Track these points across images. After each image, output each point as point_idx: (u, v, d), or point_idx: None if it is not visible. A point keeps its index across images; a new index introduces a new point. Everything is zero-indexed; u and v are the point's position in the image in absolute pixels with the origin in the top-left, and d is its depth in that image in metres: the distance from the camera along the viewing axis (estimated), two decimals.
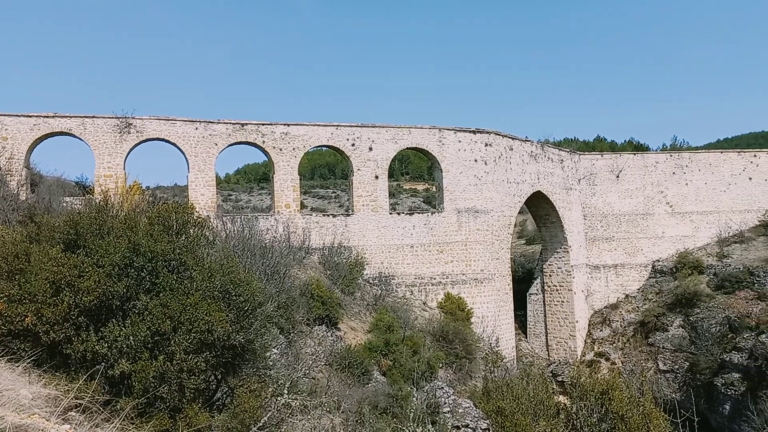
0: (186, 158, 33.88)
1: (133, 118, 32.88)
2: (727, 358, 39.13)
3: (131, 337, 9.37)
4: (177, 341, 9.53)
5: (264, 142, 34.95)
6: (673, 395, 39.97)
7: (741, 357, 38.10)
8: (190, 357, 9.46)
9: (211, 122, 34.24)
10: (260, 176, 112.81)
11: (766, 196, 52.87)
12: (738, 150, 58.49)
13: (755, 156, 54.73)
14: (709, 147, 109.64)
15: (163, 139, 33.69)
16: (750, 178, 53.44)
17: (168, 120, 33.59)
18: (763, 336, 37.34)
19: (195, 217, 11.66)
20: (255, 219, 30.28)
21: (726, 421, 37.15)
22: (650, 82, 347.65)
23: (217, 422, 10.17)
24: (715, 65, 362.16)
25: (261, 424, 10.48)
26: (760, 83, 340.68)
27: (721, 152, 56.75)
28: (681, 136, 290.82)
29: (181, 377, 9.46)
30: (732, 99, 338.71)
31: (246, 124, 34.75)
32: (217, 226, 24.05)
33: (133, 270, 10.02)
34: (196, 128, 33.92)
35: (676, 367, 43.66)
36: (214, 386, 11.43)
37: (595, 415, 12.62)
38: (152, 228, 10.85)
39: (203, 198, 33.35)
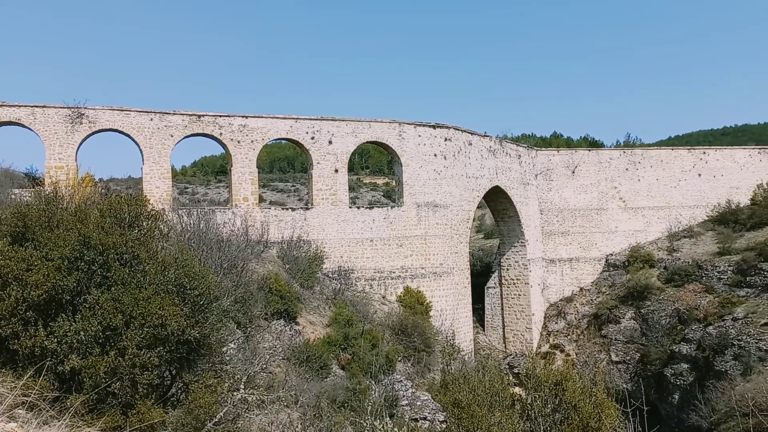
0: (140, 150, 33.16)
1: (85, 108, 31.99)
2: (677, 350, 40.37)
3: (82, 332, 9.14)
4: (129, 336, 9.33)
5: (221, 134, 34.45)
6: (625, 385, 41.07)
7: (689, 348, 39.36)
8: (142, 352, 9.28)
9: (167, 113, 33.57)
10: (218, 169, 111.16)
11: (714, 192, 54.62)
12: (688, 147, 60.32)
13: (704, 153, 56.47)
14: (660, 144, 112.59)
15: (116, 130, 32.89)
16: (699, 175, 55.13)
17: (122, 110, 32.80)
18: (711, 327, 38.64)
19: (148, 210, 11.41)
20: (212, 212, 29.85)
21: (675, 410, 38.35)
22: (605, 79, 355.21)
23: (171, 418, 10.00)
24: (667, 64, 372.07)
25: (217, 420, 10.35)
26: (710, 83, 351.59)
27: (672, 149, 58.42)
28: (634, 133, 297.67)
29: (134, 373, 9.27)
30: (683, 97, 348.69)
31: (203, 115, 34.19)
32: (172, 219, 23.62)
33: (83, 263, 9.76)
34: (151, 119, 33.21)
35: (628, 358, 44.86)
36: (168, 382, 11.24)
37: (549, 406, 12.86)
38: (104, 220, 10.58)
39: (158, 191, 32.69)
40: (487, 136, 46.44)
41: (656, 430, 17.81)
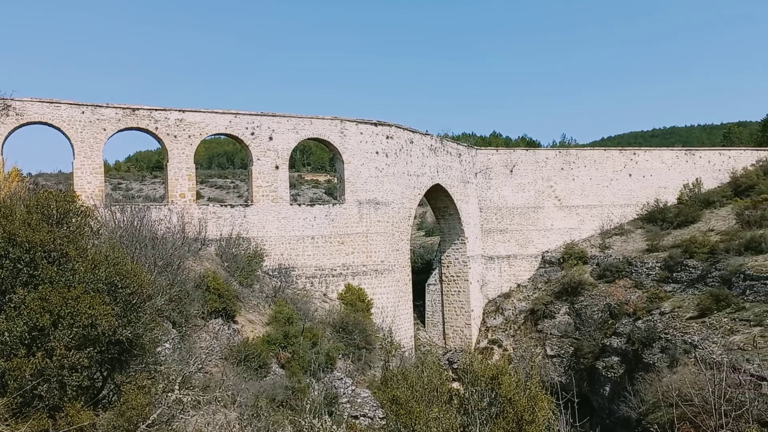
0: (71, 144, 31.92)
1: (12, 99, 30.53)
2: (608, 343, 41.85)
3: (6, 333, 8.78)
4: (57, 336, 9.01)
5: (157, 128, 33.54)
6: (560, 379, 42.31)
7: (620, 341, 40.86)
8: (71, 353, 8.98)
9: (99, 106, 32.43)
10: (153, 164, 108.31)
11: (644, 192, 56.83)
12: (620, 148, 62.58)
13: (635, 154, 58.69)
14: (594, 145, 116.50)
15: (45, 123, 31.55)
16: (630, 175, 57.24)
17: (51, 102, 31.50)
18: (639, 322, 40.21)
19: (78, 206, 11.01)
20: (147, 209, 29.00)
21: (606, 402, 39.75)
22: (542, 81, 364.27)
23: (102, 421, 9.71)
24: (600, 68, 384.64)
25: (150, 422, 10.11)
26: (640, 86, 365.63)
27: (605, 150, 60.46)
28: (569, 133, 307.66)
29: (62, 374, 8.97)
30: (616, 100, 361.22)
31: (137, 109, 33.20)
32: (104, 216, 22.88)
33: (8, 261, 9.37)
34: (83, 112, 32.02)
35: (562, 352, 46.23)
36: (99, 383, 10.91)
37: (485, 400, 13.12)
38: (30, 217, 10.17)
39: (90, 186, 31.56)
40: (429, 134, 46.92)
41: (586, 422, 18.45)
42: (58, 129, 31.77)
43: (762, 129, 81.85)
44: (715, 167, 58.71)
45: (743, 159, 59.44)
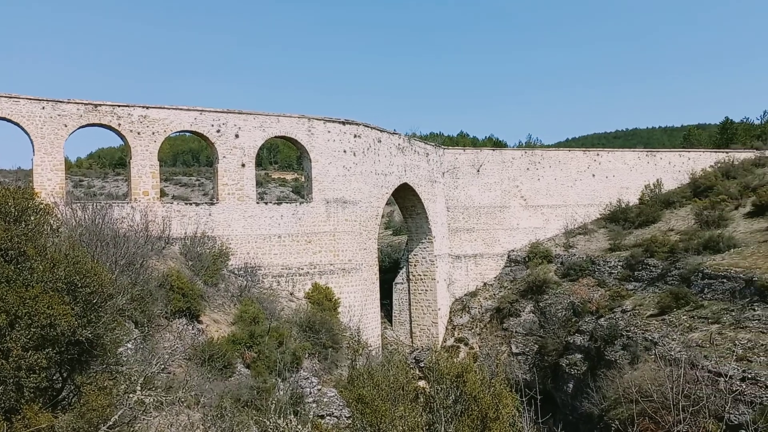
0: (31, 140, 31.13)
1: None
2: (571, 341, 42.49)
3: None
4: (14, 337, 8.80)
5: (120, 125, 32.93)
6: (524, 376, 42.79)
7: (583, 339, 41.52)
8: (29, 354, 8.78)
9: (60, 101, 31.70)
10: (116, 161, 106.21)
11: (606, 192, 57.89)
12: (584, 149, 63.56)
13: (598, 155, 59.73)
14: (559, 146, 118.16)
15: (4, 119, 30.71)
16: (593, 175, 58.24)
17: (10, 97, 30.67)
18: (602, 319, 40.90)
19: (37, 203, 10.75)
20: (109, 207, 28.47)
21: (569, 398, 40.34)
22: (509, 81, 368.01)
23: (61, 423, 9.51)
24: (565, 69, 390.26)
25: (111, 423, 9.94)
26: (604, 88, 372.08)
27: (569, 151, 61.39)
28: (535, 134, 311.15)
29: (19, 376, 8.76)
30: (580, 102, 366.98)
31: (100, 105, 32.54)
32: (65, 214, 22.39)
33: None
34: (43, 107, 31.25)
35: (527, 349, 46.79)
36: (59, 385, 10.68)
37: (450, 397, 13.22)
38: None
39: (50, 183, 30.84)
40: (396, 133, 47.02)
41: (549, 418, 18.72)
42: (17, 125, 30.96)
43: (720, 132, 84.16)
44: (675, 168, 60.11)
45: (702, 161, 60.97)
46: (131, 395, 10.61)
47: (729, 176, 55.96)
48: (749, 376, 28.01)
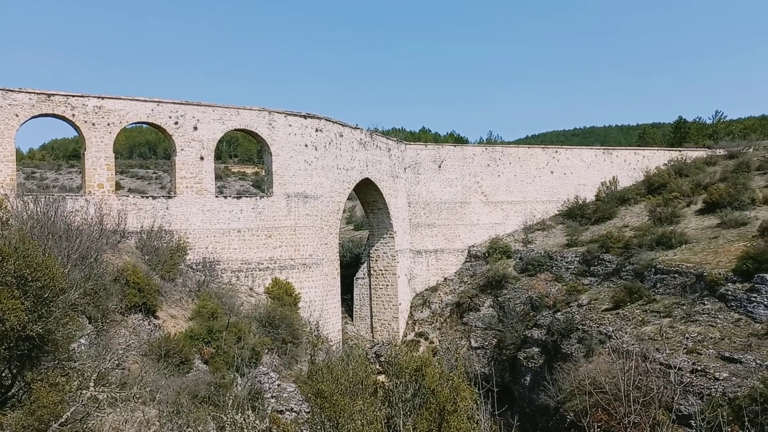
0: None
1: None
2: (529, 334, 43.20)
3: None
4: None
5: (74, 115, 32.06)
6: (483, 369, 43.35)
7: (540, 333, 42.26)
8: None
9: (11, 90, 30.68)
10: (70, 153, 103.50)
11: (564, 189, 58.94)
12: (543, 146, 64.69)
13: (557, 152, 60.76)
14: (519, 142, 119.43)
15: None
16: (552, 172, 59.20)
17: None
18: (559, 314, 41.69)
19: None
20: (62, 199, 27.69)
21: (527, 391, 41.05)
22: (471, 78, 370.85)
23: (10, 420, 9.25)
24: (525, 67, 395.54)
25: (63, 420, 9.71)
26: (563, 86, 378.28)
27: (529, 147, 62.29)
28: (496, 131, 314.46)
29: None
30: (539, 100, 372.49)
31: (53, 94, 31.61)
32: (16, 206, 21.72)
33: None
34: None
35: (486, 343, 47.40)
36: (8, 381, 10.39)
37: (409, 391, 13.32)
38: None
39: (0, 175, 29.88)
40: (358, 128, 46.96)
41: (506, 409, 19.03)
42: None
43: (674, 131, 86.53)
44: (630, 166, 61.55)
45: (656, 159, 62.60)
46: (84, 392, 10.37)
47: (682, 174, 57.61)
48: (698, 368, 28.95)
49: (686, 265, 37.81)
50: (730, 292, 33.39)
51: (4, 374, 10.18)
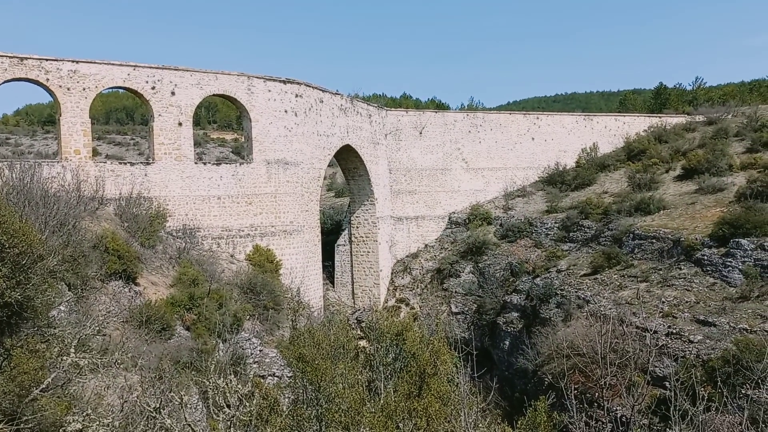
0: None
1: None
2: (508, 300, 43.79)
3: None
4: None
5: (48, 80, 31.31)
6: (463, 334, 43.95)
7: (519, 298, 42.85)
8: None
9: None
10: (45, 118, 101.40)
11: (545, 155, 59.12)
12: (524, 112, 64.56)
13: (538, 119, 60.78)
14: (500, 109, 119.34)
15: None
16: (533, 139, 59.31)
17: None
18: (538, 279, 42.25)
19: None
20: (38, 165, 27.23)
21: (506, 355, 41.79)
22: (452, 44, 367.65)
23: None
24: (507, 33, 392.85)
25: (44, 386, 9.71)
26: (545, 52, 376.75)
27: (510, 114, 62.21)
28: (477, 97, 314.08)
29: None
30: (521, 66, 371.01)
31: (26, 58, 30.79)
32: None
33: None
34: None
35: (466, 309, 47.98)
36: None
37: (390, 355, 13.50)
38: None
39: None
40: (339, 94, 46.48)
41: (485, 372, 19.38)
42: None
43: (654, 97, 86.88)
44: (611, 132, 61.82)
45: (636, 125, 62.90)
46: (65, 358, 10.35)
47: (661, 140, 58.00)
48: (674, 331, 29.64)
49: (664, 230, 38.37)
50: (706, 257, 34.01)
51: None
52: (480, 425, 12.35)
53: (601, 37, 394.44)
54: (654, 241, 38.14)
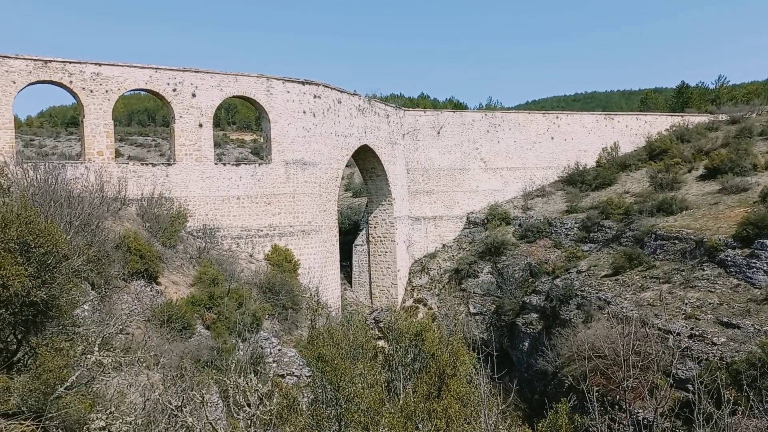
0: None
1: None
2: (528, 301, 43.52)
3: None
4: None
5: (72, 82, 31.74)
6: (482, 335, 43.83)
7: (539, 299, 42.57)
8: None
9: (8, 57, 30.31)
10: (69, 120, 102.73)
11: (565, 155, 58.72)
12: (543, 112, 64.19)
13: (557, 118, 60.36)
14: (519, 108, 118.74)
15: None
16: (552, 138, 58.92)
17: None
18: (558, 280, 41.94)
19: None
20: (62, 167, 27.62)
21: (525, 356, 41.53)
22: (470, 44, 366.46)
23: (17, 384, 9.36)
24: (527, 31, 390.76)
25: (69, 384, 9.84)
26: (564, 51, 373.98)
27: (529, 113, 61.86)
28: (496, 97, 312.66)
29: None
30: (540, 65, 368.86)
31: (50, 61, 31.24)
32: (15, 174, 21.66)
33: None
34: None
35: (485, 309, 47.77)
36: (13, 346, 10.48)
37: (409, 356, 13.48)
38: None
39: None
40: (357, 94, 46.55)
41: (505, 374, 19.30)
42: None
43: (676, 96, 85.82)
44: (632, 131, 61.23)
45: (658, 124, 62.24)
46: (89, 356, 10.48)
47: (683, 140, 57.35)
48: (697, 333, 29.24)
49: (686, 231, 37.90)
50: (729, 258, 33.52)
51: (9, 339, 10.27)
52: (500, 427, 12.29)
53: (622, 35, 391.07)
54: (676, 241, 37.69)
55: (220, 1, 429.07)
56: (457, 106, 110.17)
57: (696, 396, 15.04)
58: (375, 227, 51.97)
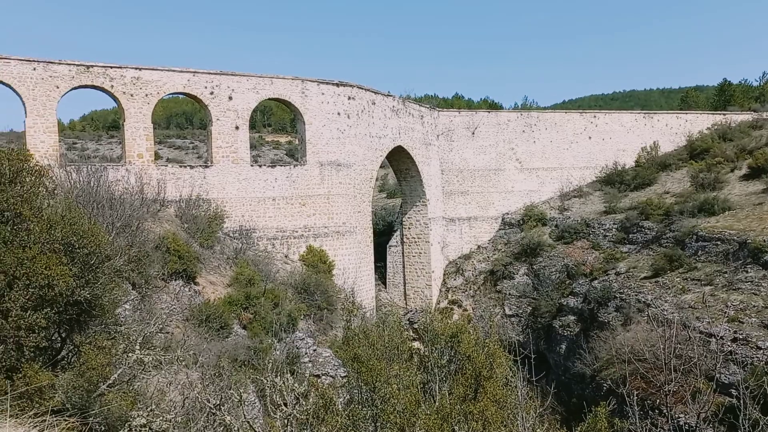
0: (23, 102, 30.72)
1: None
2: (565, 303, 42.94)
3: None
4: (13, 297, 8.82)
5: (113, 86, 32.49)
6: (518, 337, 43.39)
7: (576, 301, 41.97)
8: (28, 314, 8.81)
9: (52, 62, 31.19)
10: (110, 123, 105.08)
11: (603, 154, 57.75)
12: (580, 111, 63.21)
13: (595, 117, 59.39)
14: (555, 108, 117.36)
15: None
16: (590, 138, 58.01)
17: (1, 59, 30.15)
18: (596, 282, 41.30)
19: (32, 165, 10.67)
20: (104, 169, 28.27)
21: (562, 359, 41.00)
22: (505, 43, 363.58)
23: (61, 381, 9.62)
24: (562, 30, 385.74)
25: (111, 382, 10.06)
26: (601, 49, 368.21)
27: (566, 113, 61.01)
28: (531, 96, 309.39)
29: (19, 335, 8.81)
30: (577, 63, 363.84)
31: (92, 66, 32.03)
32: (59, 176, 22.26)
33: None
34: (34, 69, 30.76)
35: (521, 311, 47.30)
36: (58, 344, 10.77)
37: (445, 357, 13.41)
38: None
39: (43, 145, 30.56)
40: (391, 95, 46.58)
41: (543, 377, 19.05)
42: (9, 86, 30.51)
43: (717, 93, 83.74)
44: (672, 130, 59.92)
45: (699, 123, 60.77)
46: (130, 354, 10.70)
47: (726, 138, 55.87)
48: (740, 336, 28.47)
49: (729, 232, 36.93)
50: None
51: (54, 337, 10.54)
52: (538, 430, 12.14)
53: (661, 32, 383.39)
54: (719, 243, 36.76)
55: (255, 4, 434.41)
56: (492, 106, 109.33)
57: (741, 401, 14.63)
58: (409, 228, 51.91)
